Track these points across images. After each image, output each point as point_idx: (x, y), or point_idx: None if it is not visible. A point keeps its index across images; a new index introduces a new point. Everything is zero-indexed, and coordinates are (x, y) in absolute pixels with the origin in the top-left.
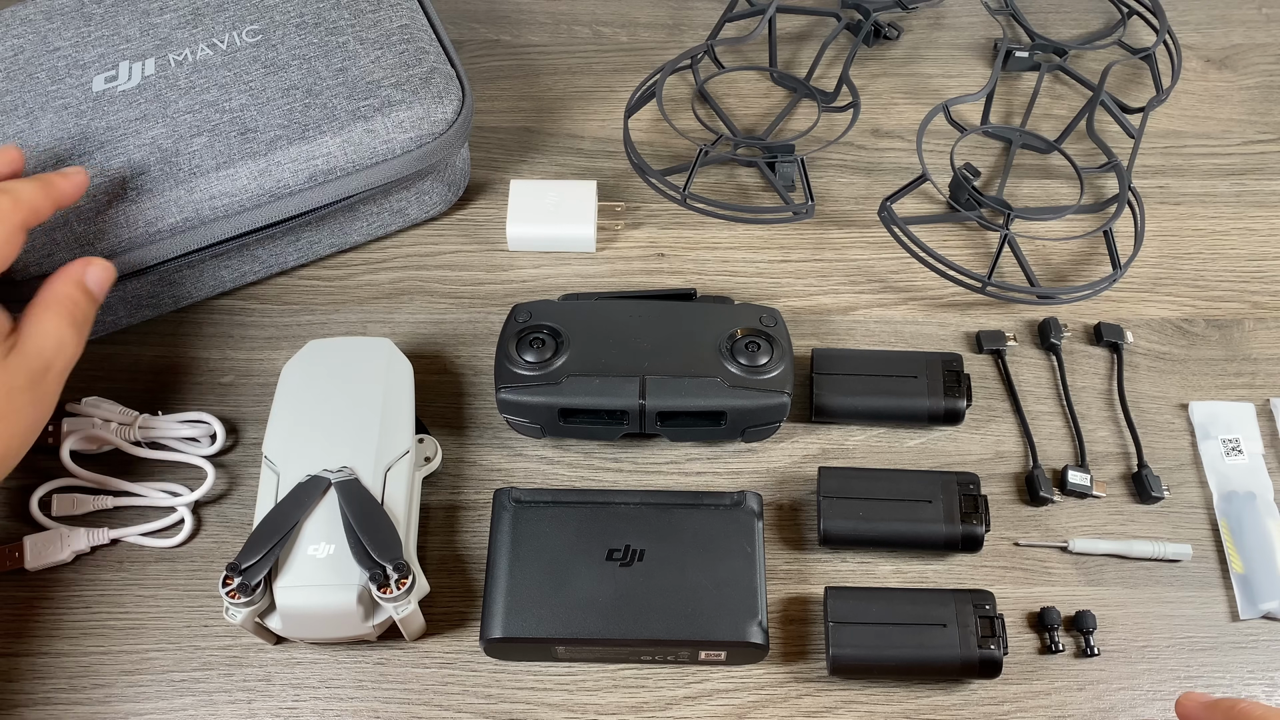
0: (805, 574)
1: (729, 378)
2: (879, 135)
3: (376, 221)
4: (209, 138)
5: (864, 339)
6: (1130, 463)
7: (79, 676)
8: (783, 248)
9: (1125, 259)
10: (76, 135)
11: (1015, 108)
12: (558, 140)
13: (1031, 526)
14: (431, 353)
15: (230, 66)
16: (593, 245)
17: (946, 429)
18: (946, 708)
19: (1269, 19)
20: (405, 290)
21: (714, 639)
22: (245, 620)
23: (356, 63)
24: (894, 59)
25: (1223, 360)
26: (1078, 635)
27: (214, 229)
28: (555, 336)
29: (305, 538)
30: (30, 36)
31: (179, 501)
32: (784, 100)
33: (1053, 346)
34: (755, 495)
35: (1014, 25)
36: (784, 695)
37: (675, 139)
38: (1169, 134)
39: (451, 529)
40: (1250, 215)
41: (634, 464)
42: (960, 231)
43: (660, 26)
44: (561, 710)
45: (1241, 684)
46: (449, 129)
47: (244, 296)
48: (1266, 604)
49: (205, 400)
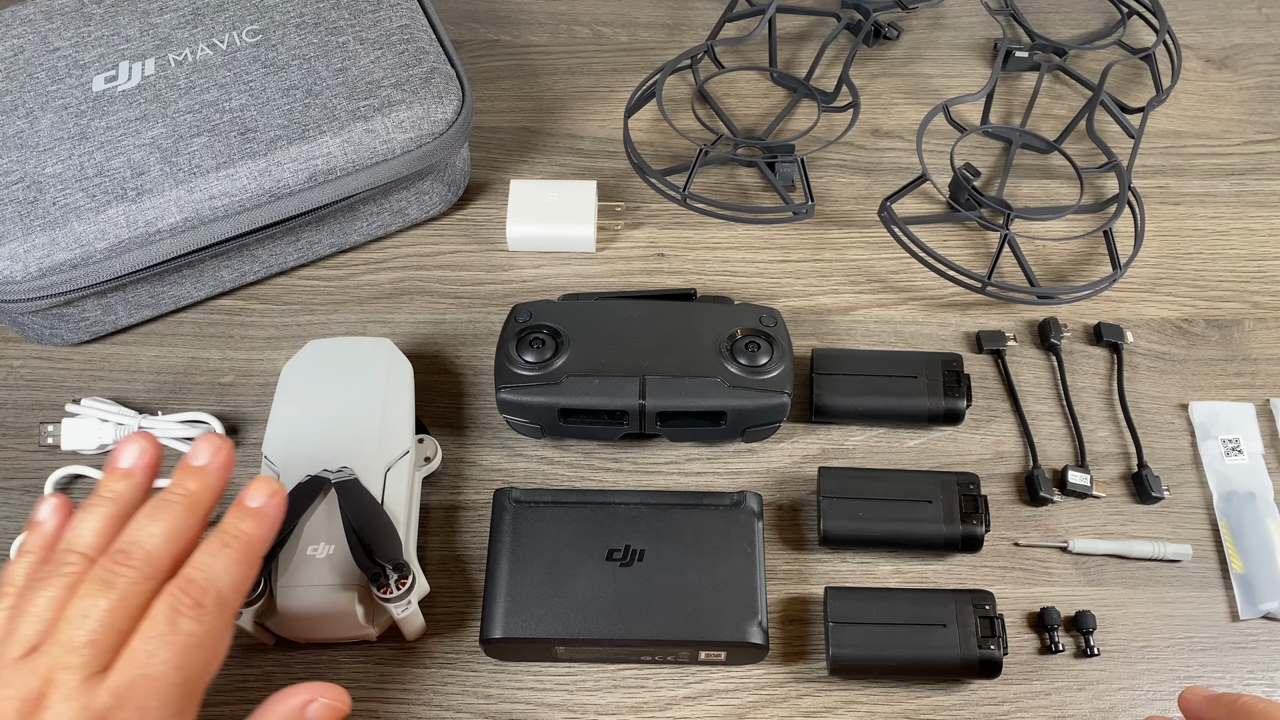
0: (805, 574)
1: (729, 378)
2: (879, 135)
3: (376, 221)
4: (209, 138)
5: (864, 339)
6: (1130, 463)
7: None
8: (783, 248)
9: (1125, 259)
10: (76, 135)
11: (1015, 108)
12: (558, 140)
13: (1031, 526)
14: (431, 353)
15: (230, 66)
16: (593, 245)
17: (946, 429)
18: (946, 708)
19: (1269, 19)
20: (405, 290)
21: (714, 639)
22: (245, 620)
23: (356, 63)
24: (894, 59)
25: (1223, 360)
26: (1078, 635)
27: (214, 229)
28: (555, 336)
29: (305, 538)
30: (30, 36)
31: None
32: (784, 100)
33: (1053, 346)
34: (755, 495)
35: (1014, 25)
36: (784, 695)
37: (675, 139)
38: (1169, 134)
39: (451, 529)
40: (1250, 215)
41: (634, 464)
42: (960, 231)
43: (660, 26)
44: (561, 710)
45: (1241, 684)
46: (449, 129)
47: (244, 296)
48: (1266, 604)
49: (205, 400)
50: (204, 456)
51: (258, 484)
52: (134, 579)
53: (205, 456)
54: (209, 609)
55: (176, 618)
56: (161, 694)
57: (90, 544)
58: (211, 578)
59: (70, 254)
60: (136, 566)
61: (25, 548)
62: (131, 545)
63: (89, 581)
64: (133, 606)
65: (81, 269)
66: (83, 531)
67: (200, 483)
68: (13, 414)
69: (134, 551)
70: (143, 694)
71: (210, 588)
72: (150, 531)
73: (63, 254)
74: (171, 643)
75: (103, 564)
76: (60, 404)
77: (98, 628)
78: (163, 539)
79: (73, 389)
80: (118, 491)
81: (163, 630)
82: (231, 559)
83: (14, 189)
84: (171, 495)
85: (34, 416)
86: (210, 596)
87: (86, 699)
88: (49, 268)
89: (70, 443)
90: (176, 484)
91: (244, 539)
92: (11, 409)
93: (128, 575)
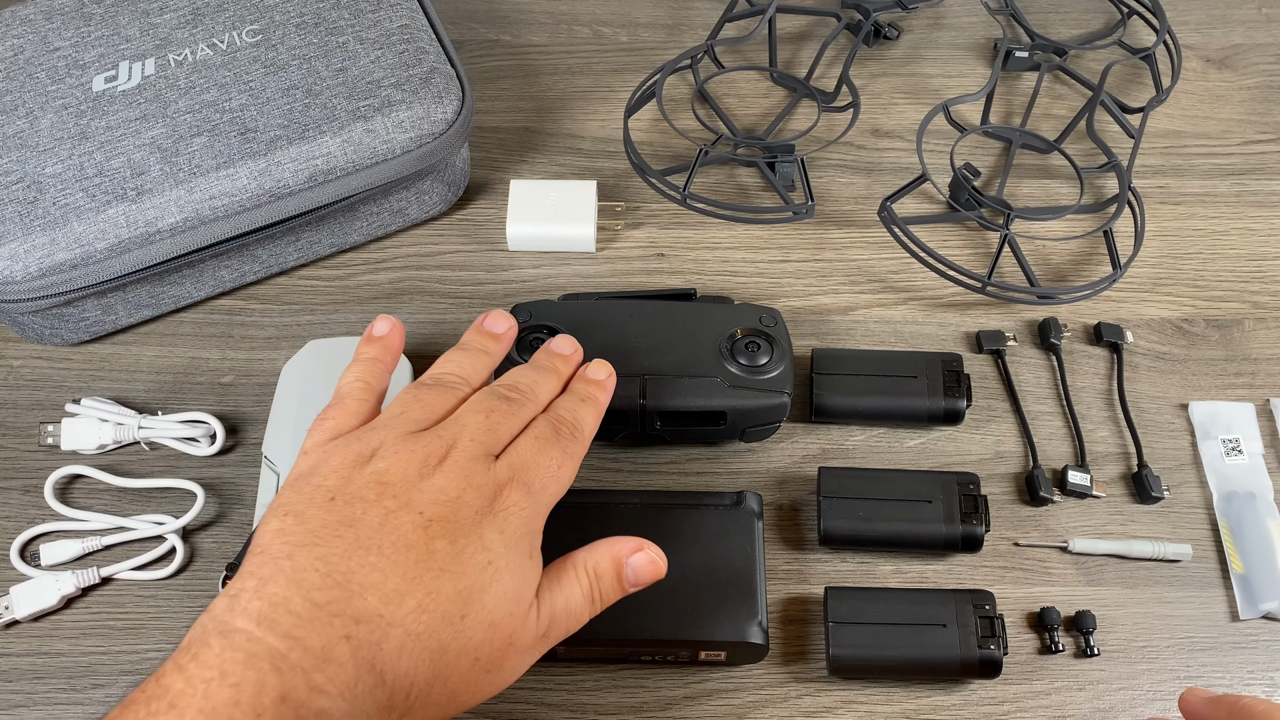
0: (805, 574)
1: (729, 378)
2: (879, 135)
3: (376, 221)
4: (209, 138)
5: (864, 339)
6: (1130, 463)
7: (79, 676)
8: (783, 248)
9: (1125, 259)
10: (76, 135)
11: (1015, 108)
12: (558, 140)
13: (1031, 526)
14: (431, 353)
15: (230, 66)
16: (593, 245)
17: (946, 429)
18: (946, 708)
19: (1269, 19)
20: (405, 290)
21: (714, 639)
22: None
23: (356, 63)
24: (894, 59)
25: (1223, 360)
26: (1078, 635)
27: (214, 229)
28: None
29: None
30: (30, 36)
31: (167, 529)
32: (784, 100)
33: (1053, 346)
34: (755, 495)
35: (1014, 25)
36: (784, 695)
37: (675, 139)
38: (1169, 134)
39: None
40: (1250, 215)
41: (634, 464)
42: (960, 231)
43: (660, 26)
44: (561, 710)
45: (1241, 684)
46: (449, 129)
47: (244, 296)
48: (1266, 604)
49: (205, 400)
50: (568, 348)
51: (597, 364)
52: (526, 406)
53: (569, 349)
54: (577, 439)
55: (557, 432)
56: (543, 485)
57: (470, 375)
58: (578, 420)
59: (70, 254)
60: (528, 399)
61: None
62: (520, 384)
63: (483, 393)
64: (520, 422)
65: (81, 269)
66: (461, 364)
67: (568, 367)
68: (13, 414)
69: (524, 388)
70: (530, 476)
71: (578, 427)
72: (536, 379)
73: (63, 254)
74: (552, 447)
75: (493, 387)
76: (60, 404)
77: (497, 418)
78: (546, 392)
79: (73, 389)
80: (488, 347)
81: (547, 435)
82: (591, 411)
83: (14, 189)
84: (545, 364)
85: (34, 416)
86: (580, 434)
87: (487, 463)
88: (49, 268)
89: (70, 443)
90: (546, 358)
91: (595, 401)
92: (11, 409)
93: (520, 401)
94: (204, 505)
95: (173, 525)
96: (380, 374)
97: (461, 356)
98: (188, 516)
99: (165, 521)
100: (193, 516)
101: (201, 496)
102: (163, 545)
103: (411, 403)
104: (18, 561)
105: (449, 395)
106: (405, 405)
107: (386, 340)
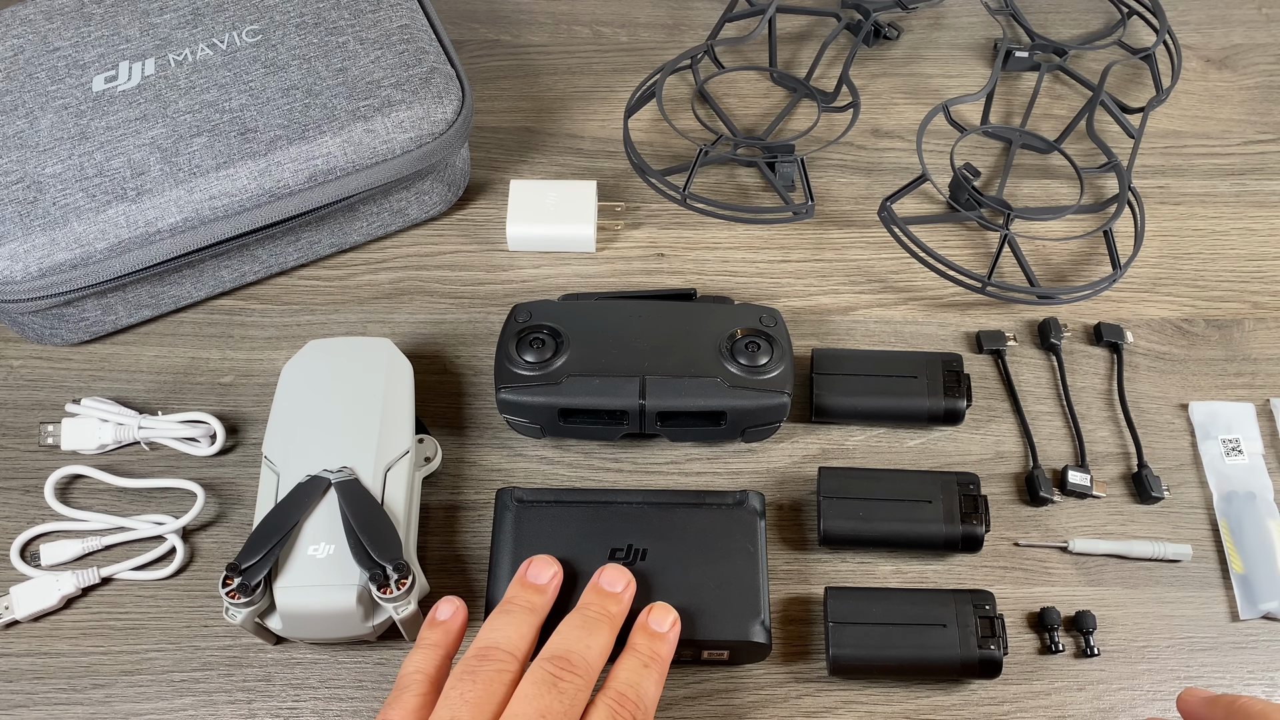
0: (805, 574)
1: (729, 378)
2: (879, 135)
3: (376, 221)
4: (209, 138)
5: (864, 339)
6: (1130, 463)
7: (79, 676)
8: (783, 248)
9: (1125, 259)
10: (76, 135)
11: (1015, 108)
12: (558, 140)
13: (1031, 526)
14: (431, 353)
15: (230, 66)
16: (593, 245)
17: (946, 429)
18: (946, 708)
19: (1269, 19)
20: (405, 290)
21: (717, 638)
22: (245, 620)
23: (356, 63)
24: (894, 59)
25: (1223, 360)
26: (1078, 635)
27: (214, 229)
28: (555, 336)
29: (305, 538)
30: (30, 36)
31: (167, 529)
32: (784, 100)
33: (1053, 346)
34: (758, 495)
35: (1014, 25)
36: (784, 695)
37: (675, 139)
38: (1169, 134)
39: (451, 529)
40: (1250, 215)
41: (634, 464)
42: (960, 231)
43: (660, 26)
44: None
45: (1241, 684)
46: (449, 129)
47: (244, 296)
48: (1266, 604)
49: (205, 400)
50: (619, 584)
51: (659, 610)
52: (580, 686)
53: (620, 585)
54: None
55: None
56: None
57: (516, 646)
58: (641, 695)
59: (70, 254)
60: (581, 674)
61: (426, 641)
62: (572, 654)
63: (533, 682)
64: (576, 711)
65: (81, 269)
66: (508, 633)
67: (619, 607)
68: (13, 414)
69: (576, 660)
70: None
71: (641, 703)
72: (588, 644)
73: (63, 254)
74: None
75: (544, 665)
76: (60, 404)
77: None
78: (598, 653)
79: (73, 389)
80: (533, 603)
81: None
82: (653, 679)
83: (14, 189)
84: (597, 614)
85: (34, 416)
86: (641, 711)
87: None
88: (49, 268)
89: (70, 443)
90: (597, 603)
91: (659, 661)
92: (11, 409)
93: (574, 682)
94: (204, 505)
95: (173, 525)
96: (441, 662)
97: (507, 623)
98: (188, 517)
99: (165, 521)
100: (193, 517)
101: (201, 497)
102: (163, 545)
103: (459, 705)
104: (18, 561)
105: (497, 684)
106: (454, 709)
107: (448, 625)
